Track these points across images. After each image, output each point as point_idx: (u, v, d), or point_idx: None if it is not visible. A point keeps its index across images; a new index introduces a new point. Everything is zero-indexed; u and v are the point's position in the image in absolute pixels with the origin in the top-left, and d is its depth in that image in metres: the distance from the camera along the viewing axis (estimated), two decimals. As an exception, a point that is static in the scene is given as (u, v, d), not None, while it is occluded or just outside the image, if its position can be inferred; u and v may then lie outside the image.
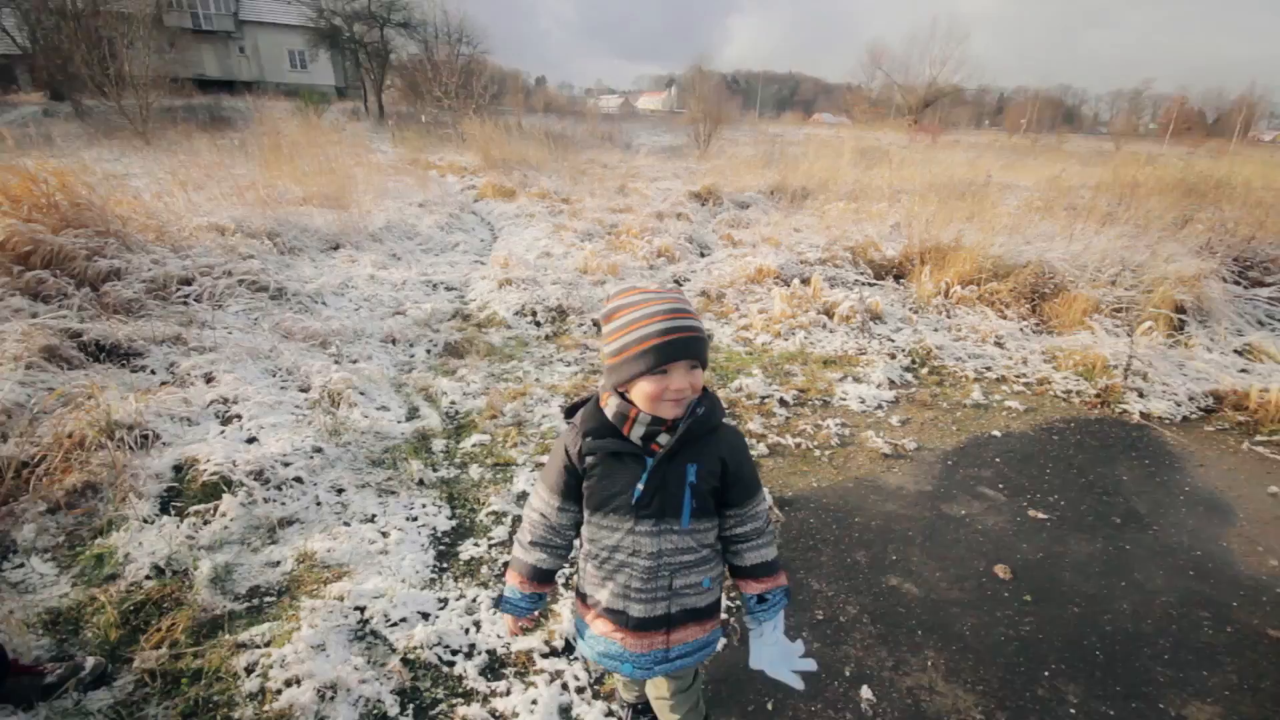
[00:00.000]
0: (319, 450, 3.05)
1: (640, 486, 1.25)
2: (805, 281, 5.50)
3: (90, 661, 1.90)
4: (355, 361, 4.34)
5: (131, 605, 2.18)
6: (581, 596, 1.42)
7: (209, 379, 3.78)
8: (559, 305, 5.49)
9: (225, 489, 2.69)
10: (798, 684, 1.36)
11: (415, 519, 2.75)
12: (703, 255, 7.35)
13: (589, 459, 1.27)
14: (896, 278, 6.07)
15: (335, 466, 3.02)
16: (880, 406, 4.00)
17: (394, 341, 4.86)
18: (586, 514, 1.33)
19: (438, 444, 3.42)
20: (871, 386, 4.18)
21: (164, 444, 3.06)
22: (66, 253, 4.73)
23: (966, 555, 2.72)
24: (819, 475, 3.26)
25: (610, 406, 1.25)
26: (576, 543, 1.43)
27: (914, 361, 4.64)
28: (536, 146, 15.04)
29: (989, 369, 4.64)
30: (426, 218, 8.54)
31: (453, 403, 3.90)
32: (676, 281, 6.25)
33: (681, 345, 1.17)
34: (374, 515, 2.73)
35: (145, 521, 2.55)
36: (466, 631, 2.21)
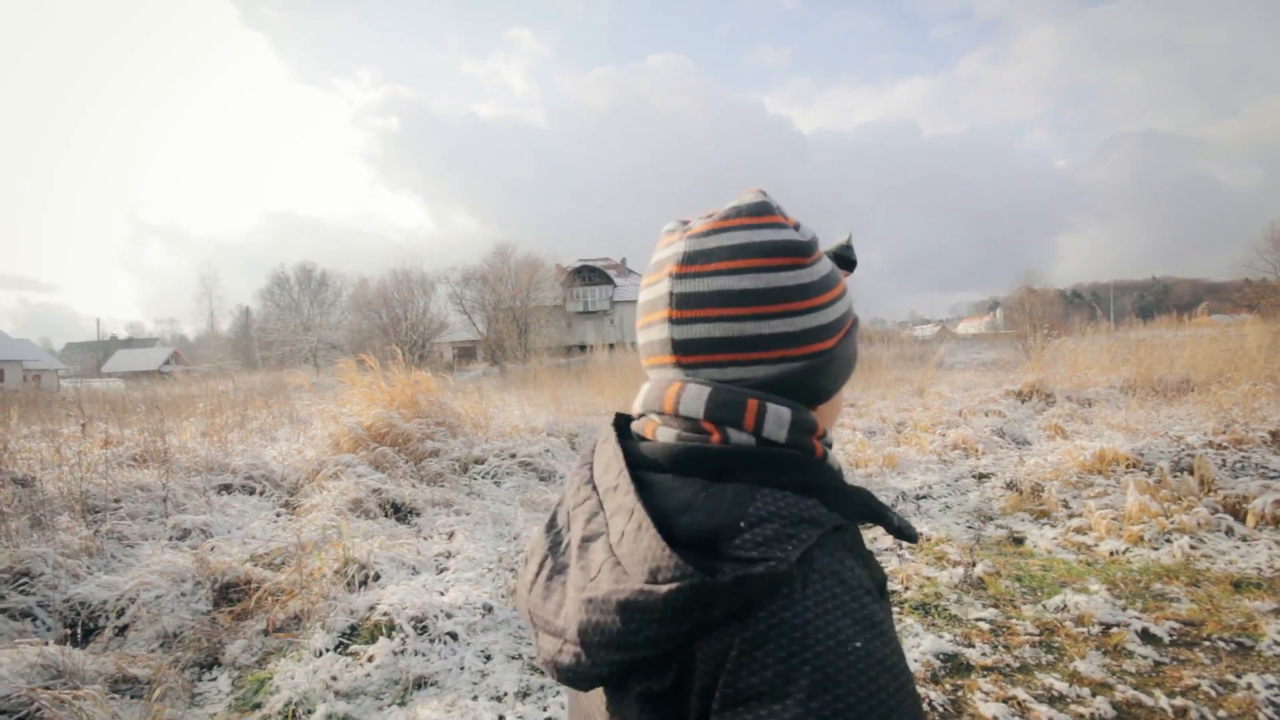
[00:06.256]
0: (489, 609, 2.77)
1: None
2: (1186, 469, 3.68)
3: None
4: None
5: (242, 739, 2.02)
6: None
7: (450, 535, 3.99)
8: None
9: (383, 633, 2.53)
10: None
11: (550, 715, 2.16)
12: (1017, 449, 5.74)
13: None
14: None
15: (498, 630, 2.67)
16: (1388, 674, 2.10)
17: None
18: None
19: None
20: (1357, 636, 2.28)
21: (381, 585, 3.15)
22: (408, 435, 5.90)
23: None
24: (1245, 785, 1.68)
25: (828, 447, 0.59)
26: None
27: None
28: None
29: None
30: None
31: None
32: (976, 476, 4.86)
33: None
34: (504, 694, 2.23)
35: (315, 654, 2.49)
36: None
